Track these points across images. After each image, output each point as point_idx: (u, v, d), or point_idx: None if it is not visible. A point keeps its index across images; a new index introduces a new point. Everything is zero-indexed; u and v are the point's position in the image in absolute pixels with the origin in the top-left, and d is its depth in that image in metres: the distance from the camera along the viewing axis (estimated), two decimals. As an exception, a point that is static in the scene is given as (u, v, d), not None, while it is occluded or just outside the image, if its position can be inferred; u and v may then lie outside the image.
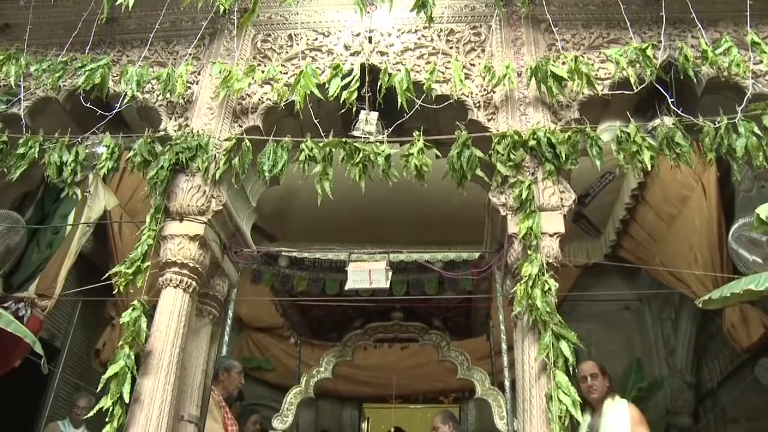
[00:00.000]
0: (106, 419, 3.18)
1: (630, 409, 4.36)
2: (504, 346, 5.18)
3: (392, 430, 7.34)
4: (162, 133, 3.94)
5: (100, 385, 3.22)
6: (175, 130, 3.95)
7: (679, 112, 3.63)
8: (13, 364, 4.88)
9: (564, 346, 3.08)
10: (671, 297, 7.61)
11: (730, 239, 4.68)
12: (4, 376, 4.94)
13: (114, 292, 3.79)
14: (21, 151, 3.97)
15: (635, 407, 4.47)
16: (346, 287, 4.05)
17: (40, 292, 5.11)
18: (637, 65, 3.72)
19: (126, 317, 3.33)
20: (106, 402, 3.18)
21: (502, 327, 5.13)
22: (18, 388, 5.27)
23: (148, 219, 3.63)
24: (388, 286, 3.94)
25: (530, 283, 3.22)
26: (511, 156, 3.56)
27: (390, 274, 3.90)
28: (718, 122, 3.56)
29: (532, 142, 3.59)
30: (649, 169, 3.59)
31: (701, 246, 5.60)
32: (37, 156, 3.96)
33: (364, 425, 9.34)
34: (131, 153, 3.81)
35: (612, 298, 8.02)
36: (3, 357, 4.77)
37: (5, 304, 4.80)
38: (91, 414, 3.24)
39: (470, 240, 4.58)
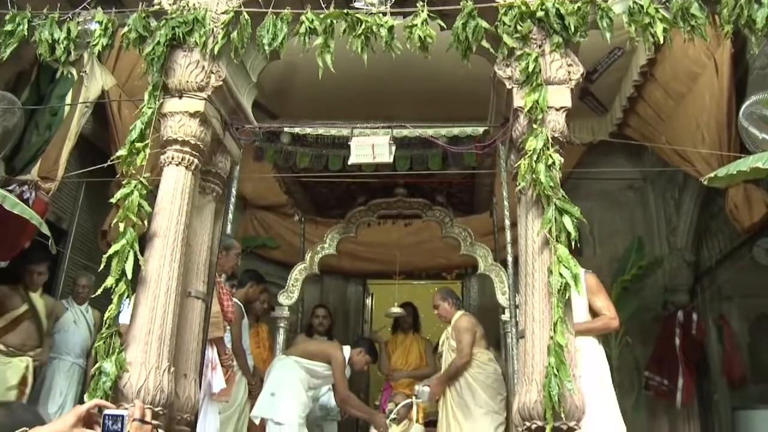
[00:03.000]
0: (111, 296, 3.23)
1: (587, 276, 4.41)
2: (507, 222, 5.21)
3: (395, 304, 7.52)
4: (156, 7, 3.76)
5: (103, 264, 3.26)
6: (170, 4, 3.77)
7: (697, -20, 3.47)
8: (23, 246, 4.96)
9: (567, 220, 3.10)
10: (675, 177, 7.61)
11: (741, 116, 4.60)
12: (16, 258, 5.04)
13: (118, 176, 3.79)
14: (9, 28, 3.82)
15: (593, 275, 4.53)
16: (350, 162, 4.02)
17: (42, 175, 5.12)
18: (654, -72, 3.51)
19: (119, 195, 3.33)
20: (109, 280, 3.23)
21: (506, 203, 5.14)
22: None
23: (146, 96, 3.55)
24: (391, 160, 3.90)
25: (535, 158, 3.19)
26: (518, 27, 3.43)
27: (393, 148, 3.86)
28: (739, -9, 3.40)
29: (540, 13, 3.43)
30: (661, 42, 3.47)
31: (709, 125, 5.52)
32: (26, 34, 3.82)
33: (369, 300, 9.61)
34: (125, 29, 3.68)
35: (616, 176, 8.02)
36: (12, 239, 4.84)
37: (9, 187, 4.81)
38: (98, 292, 3.30)
39: (475, 116, 4.51)
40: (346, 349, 5.73)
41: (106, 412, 2.22)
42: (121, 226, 3.27)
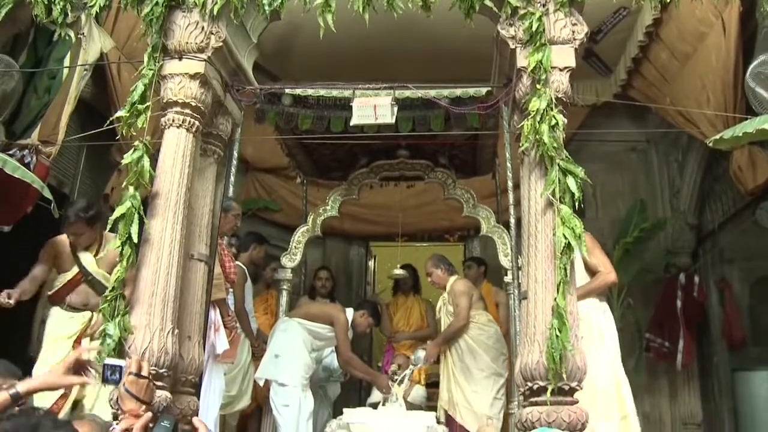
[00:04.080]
0: (117, 259, 3.26)
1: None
2: (510, 184, 5.20)
3: (398, 266, 7.56)
4: (154, -35, 3.71)
5: (108, 227, 3.27)
6: (167, -37, 3.72)
7: (706, -65, 3.40)
8: (25, 210, 4.95)
9: (571, 181, 3.09)
10: (679, 139, 7.56)
11: (748, 77, 4.53)
12: (19, 223, 5.03)
13: (117, 138, 3.77)
14: (3, -12, 3.80)
15: (587, 233, 4.51)
16: (351, 123, 3.98)
17: (43, 139, 5.08)
18: None
19: (128, 158, 3.31)
20: (114, 243, 3.24)
21: (509, 165, 5.12)
22: (33, 236, 5.37)
23: (145, 58, 3.51)
24: (393, 121, 3.87)
25: (538, 118, 3.16)
26: (522, -15, 3.38)
27: (395, 109, 3.82)
28: (748, -54, 3.34)
29: (544, -29, 3.39)
30: (668, 1, 3.42)
31: (715, 86, 5.46)
32: (21, -7, 3.80)
33: (371, 263, 9.64)
34: (123, -12, 3.63)
35: (620, 138, 7.96)
36: (14, 204, 4.83)
37: (10, 152, 4.79)
38: (100, 255, 3.29)
39: (478, 77, 4.47)
40: (349, 312, 5.76)
41: (106, 361, 2.27)
42: (131, 189, 3.27)
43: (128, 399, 2.15)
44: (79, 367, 2.22)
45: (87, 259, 4.75)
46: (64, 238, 4.77)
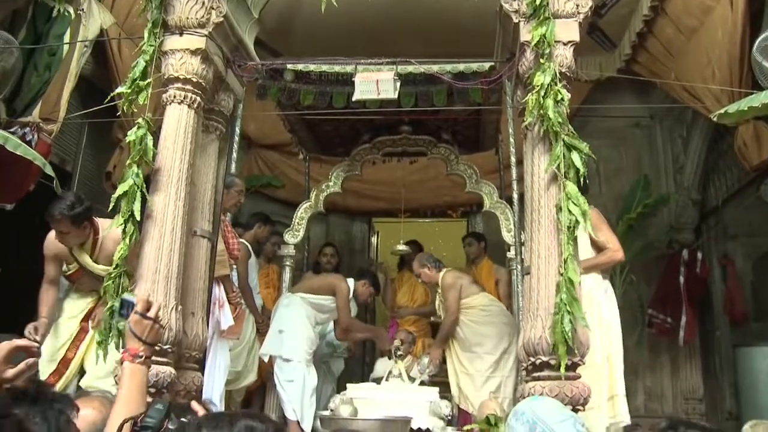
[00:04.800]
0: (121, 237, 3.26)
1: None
2: (513, 159, 5.17)
3: (401, 242, 7.57)
4: (153, -61, 3.67)
5: (111, 205, 3.27)
6: (166, -64, 3.68)
7: None
8: (28, 188, 4.94)
9: (575, 156, 3.07)
10: (683, 115, 7.52)
11: (755, 51, 4.48)
12: (22, 202, 5.03)
13: (118, 114, 3.75)
14: (1, -37, 3.76)
15: (595, 210, 4.46)
16: (354, 98, 3.96)
17: (44, 116, 5.06)
18: None
19: (132, 135, 3.30)
20: (118, 220, 3.24)
21: (512, 140, 5.09)
22: (35, 215, 5.37)
23: (146, 34, 3.49)
24: (395, 96, 3.84)
25: (542, 93, 3.14)
26: (525, -42, 3.34)
27: (398, 84, 3.80)
28: None
29: (548, -57, 3.34)
30: (674, -26, 3.38)
31: (720, 61, 5.40)
32: (19, -32, 3.76)
33: (374, 239, 9.65)
34: (122, -37, 3.60)
35: (623, 114, 7.91)
36: (17, 182, 4.82)
37: (11, 130, 4.77)
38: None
39: (481, 53, 4.44)
40: (350, 282, 5.79)
41: (123, 296, 2.35)
42: (135, 167, 3.26)
43: (130, 337, 2.17)
44: (19, 354, 2.05)
45: (84, 259, 4.47)
46: (53, 236, 4.37)
